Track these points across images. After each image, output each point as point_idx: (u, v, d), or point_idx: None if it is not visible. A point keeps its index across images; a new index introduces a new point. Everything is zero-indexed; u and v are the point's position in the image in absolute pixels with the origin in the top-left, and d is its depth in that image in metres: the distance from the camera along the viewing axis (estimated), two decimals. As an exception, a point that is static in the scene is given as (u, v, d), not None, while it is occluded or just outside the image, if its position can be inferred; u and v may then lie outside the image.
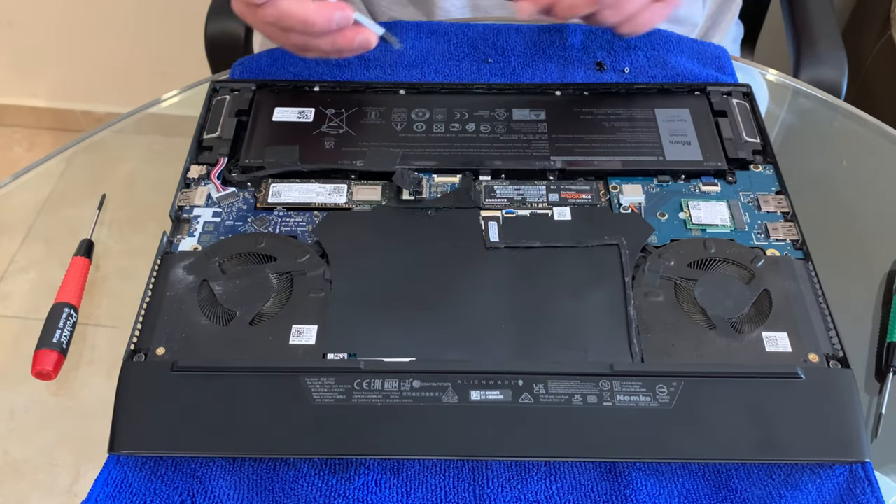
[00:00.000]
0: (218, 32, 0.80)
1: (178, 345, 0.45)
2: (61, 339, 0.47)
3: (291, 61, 0.65)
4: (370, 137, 0.56)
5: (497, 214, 0.52)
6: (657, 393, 0.42)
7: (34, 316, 0.50)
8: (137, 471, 0.43)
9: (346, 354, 0.44)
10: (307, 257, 0.49)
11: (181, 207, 0.53)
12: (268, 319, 0.46)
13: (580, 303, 0.46)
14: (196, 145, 0.56)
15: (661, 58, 0.64)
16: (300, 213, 0.52)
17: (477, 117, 0.58)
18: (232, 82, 0.61)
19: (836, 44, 0.74)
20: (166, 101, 0.67)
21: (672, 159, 0.55)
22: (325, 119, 0.58)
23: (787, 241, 0.51)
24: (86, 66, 1.53)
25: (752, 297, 0.47)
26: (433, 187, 0.54)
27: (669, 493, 0.42)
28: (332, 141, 0.56)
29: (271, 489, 0.42)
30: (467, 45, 0.65)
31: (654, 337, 0.45)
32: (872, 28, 1.13)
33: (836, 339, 0.45)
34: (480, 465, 0.43)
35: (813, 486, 0.42)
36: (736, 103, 0.59)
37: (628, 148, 0.56)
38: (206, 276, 0.48)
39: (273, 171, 0.54)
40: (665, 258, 0.49)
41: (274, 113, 0.58)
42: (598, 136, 0.56)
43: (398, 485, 0.42)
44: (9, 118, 1.67)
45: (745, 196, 0.53)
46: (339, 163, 0.54)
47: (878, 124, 0.63)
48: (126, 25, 1.45)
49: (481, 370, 0.43)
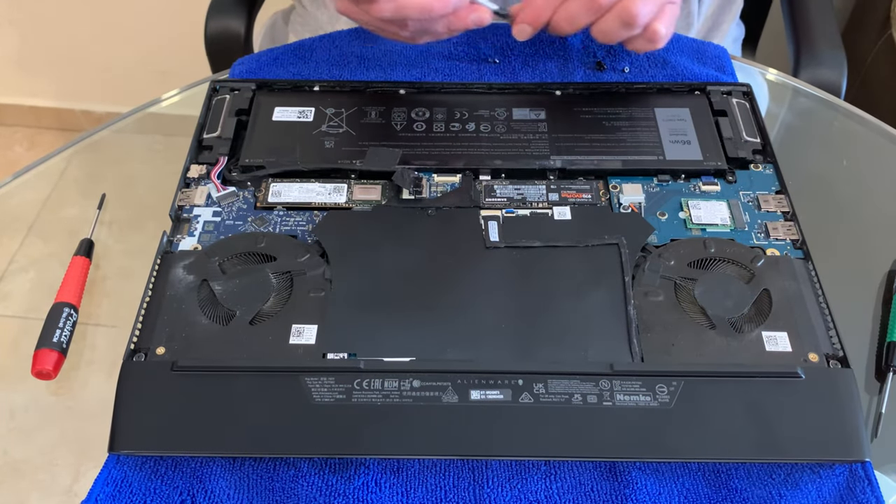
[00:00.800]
0: (218, 31, 0.80)
1: (178, 344, 0.45)
2: (61, 339, 0.47)
3: (291, 61, 0.65)
4: (370, 137, 0.56)
5: (497, 214, 0.52)
6: (657, 392, 0.42)
7: (34, 315, 0.50)
8: (137, 470, 0.43)
9: (346, 354, 0.44)
10: (307, 257, 0.49)
11: (181, 207, 0.53)
12: (268, 319, 0.46)
13: (580, 302, 0.46)
14: (196, 145, 0.56)
15: (661, 57, 0.64)
16: (300, 212, 0.52)
17: (477, 117, 0.58)
18: (232, 82, 0.61)
19: (836, 44, 0.74)
20: (166, 100, 0.67)
21: (672, 159, 0.55)
22: (325, 119, 0.58)
23: (787, 240, 0.51)
24: (86, 66, 1.53)
25: (751, 297, 0.47)
26: (433, 187, 0.54)
27: (669, 493, 0.42)
28: (331, 140, 0.56)
29: (271, 489, 0.42)
30: (467, 45, 0.65)
31: (654, 336, 0.45)
32: (872, 28, 1.13)
33: (836, 339, 0.45)
34: (480, 465, 0.43)
35: (813, 485, 0.42)
36: (736, 103, 0.59)
37: (628, 147, 0.56)
38: (206, 275, 0.48)
39: (273, 170, 0.54)
40: (665, 258, 0.49)
41: (274, 113, 0.58)
42: (597, 135, 0.56)
43: (398, 484, 0.42)
44: (9, 117, 1.67)
45: (745, 195, 0.53)
46: (339, 162, 0.54)
47: (879, 124, 0.63)
48: (126, 25, 1.45)
49: (481, 370, 0.43)
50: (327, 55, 0.65)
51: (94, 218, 0.56)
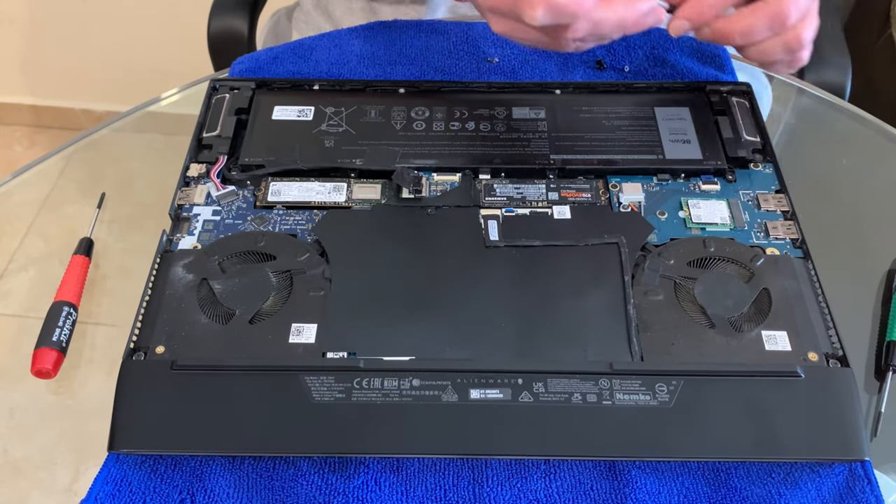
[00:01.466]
0: (221, 30, 0.80)
1: (178, 343, 0.45)
2: (61, 338, 0.47)
3: (291, 60, 0.65)
4: (370, 136, 0.56)
5: (497, 213, 0.52)
6: (657, 391, 0.42)
7: (34, 314, 0.50)
8: (137, 469, 0.43)
9: (346, 353, 0.44)
10: (307, 256, 0.49)
11: (181, 206, 0.53)
12: (267, 318, 0.46)
13: (580, 301, 0.46)
14: (196, 144, 0.56)
15: (661, 56, 0.64)
16: (300, 211, 0.52)
17: (476, 116, 0.58)
18: (231, 81, 0.61)
19: (841, 46, 0.74)
20: (166, 99, 0.67)
21: (672, 158, 0.55)
22: (325, 118, 0.58)
23: (787, 239, 0.51)
24: (86, 65, 1.53)
25: (751, 296, 0.47)
26: (433, 186, 0.54)
27: (669, 492, 0.42)
28: (331, 139, 0.56)
29: (271, 487, 0.42)
30: (467, 44, 0.65)
31: (654, 336, 0.45)
32: (872, 27, 1.13)
33: (835, 338, 0.45)
34: (480, 464, 0.43)
35: (812, 484, 0.42)
36: (736, 102, 0.59)
37: (628, 146, 0.56)
38: (205, 274, 0.48)
39: (273, 169, 0.54)
40: (665, 257, 0.49)
41: (273, 112, 0.58)
42: (597, 134, 0.56)
43: (398, 483, 0.42)
44: (8, 116, 1.67)
45: (745, 195, 0.53)
46: (339, 161, 0.54)
47: (879, 124, 0.63)
48: (126, 24, 1.45)
49: (481, 369, 0.43)
50: (327, 54, 0.65)
51: (93, 217, 0.56)
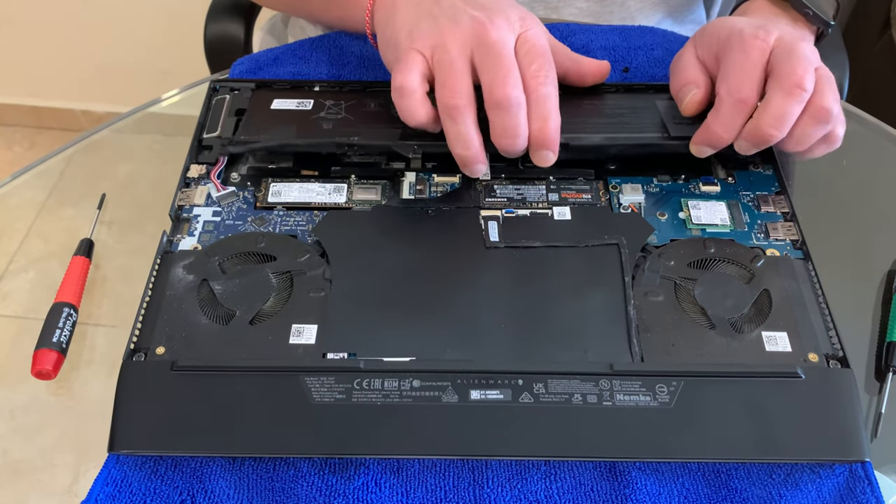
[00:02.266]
0: (217, 35, 0.80)
1: (178, 344, 0.45)
2: (61, 339, 0.47)
3: (291, 60, 0.65)
4: (369, 122, 0.56)
5: (497, 214, 0.52)
6: (657, 392, 0.42)
7: (34, 315, 0.50)
8: (137, 470, 0.43)
9: (346, 354, 0.44)
10: (307, 257, 0.49)
11: (181, 207, 0.53)
12: (267, 319, 0.46)
13: (580, 302, 0.46)
14: (196, 145, 0.56)
15: (661, 57, 0.64)
16: (300, 212, 0.52)
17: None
18: (231, 82, 0.61)
19: (839, 45, 0.74)
20: (166, 100, 0.67)
21: (677, 135, 0.53)
22: (324, 108, 0.57)
23: (787, 240, 0.51)
24: (86, 66, 1.53)
25: (751, 297, 0.47)
26: (433, 186, 0.54)
27: (669, 493, 0.42)
28: (329, 124, 0.56)
29: (271, 489, 0.42)
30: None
31: (654, 336, 0.45)
32: (872, 28, 1.13)
33: (835, 339, 0.45)
34: (480, 465, 0.43)
35: (813, 485, 0.42)
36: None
37: (631, 127, 0.54)
38: (205, 275, 0.48)
39: (267, 143, 0.54)
40: (665, 258, 0.49)
41: (272, 103, 0.58)
42: (599, 119, 0.55)
43: (398, 484, 0.42)
44: (9, 117, 1.67)
45: (745, 196, 0.53)
46: (337, 138, 0.54)
47: (879, 124, 0.64)
48: (126, 25, 1.45)
49: (481, 370, 0.43)
50: (327, 55, 0.65)
51: (94, 218, 0.56)
